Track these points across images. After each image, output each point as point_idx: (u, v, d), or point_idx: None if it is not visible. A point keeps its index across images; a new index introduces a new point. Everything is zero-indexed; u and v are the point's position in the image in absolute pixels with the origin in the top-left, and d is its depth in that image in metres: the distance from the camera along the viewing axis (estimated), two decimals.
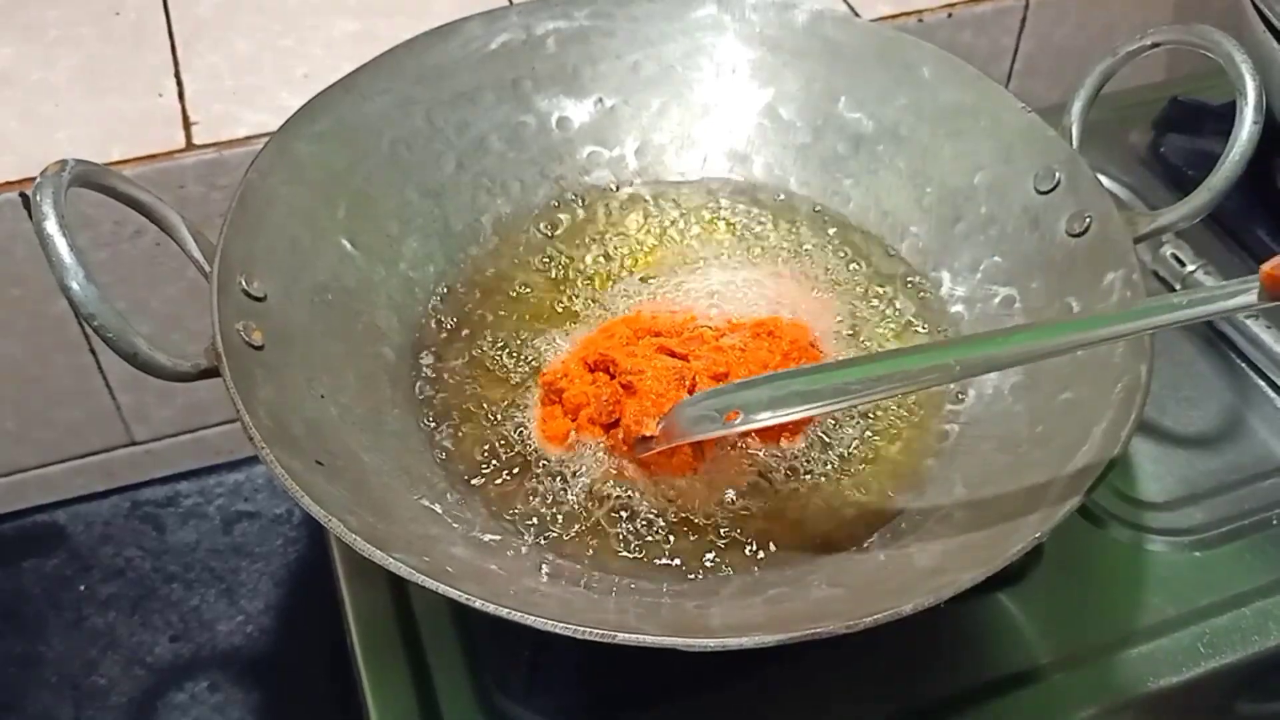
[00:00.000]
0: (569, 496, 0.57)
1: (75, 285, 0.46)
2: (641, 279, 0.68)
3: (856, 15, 0.83)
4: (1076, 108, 0.65)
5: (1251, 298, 0.43)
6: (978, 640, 0.60)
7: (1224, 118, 0.61)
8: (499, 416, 0.60)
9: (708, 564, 0.55)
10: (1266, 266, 0.42)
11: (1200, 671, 0.59)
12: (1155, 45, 0.63)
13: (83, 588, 0.80)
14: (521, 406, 0.61)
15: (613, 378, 0.59)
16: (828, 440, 0.60)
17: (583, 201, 0.71)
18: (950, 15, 0.86)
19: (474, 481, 0.57)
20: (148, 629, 0.78)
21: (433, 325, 0.64)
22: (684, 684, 0.57)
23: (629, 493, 0.57)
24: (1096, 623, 0.61)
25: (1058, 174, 0.63)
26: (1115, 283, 0.58)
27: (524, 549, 0.53)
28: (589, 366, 0.60)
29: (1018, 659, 0.59)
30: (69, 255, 0.46)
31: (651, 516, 0.56)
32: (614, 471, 0.58)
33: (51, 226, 0.46)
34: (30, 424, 0.81)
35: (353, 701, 0.59)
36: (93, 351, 0.78)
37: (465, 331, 0.64)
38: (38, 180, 0.47)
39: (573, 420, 0.59)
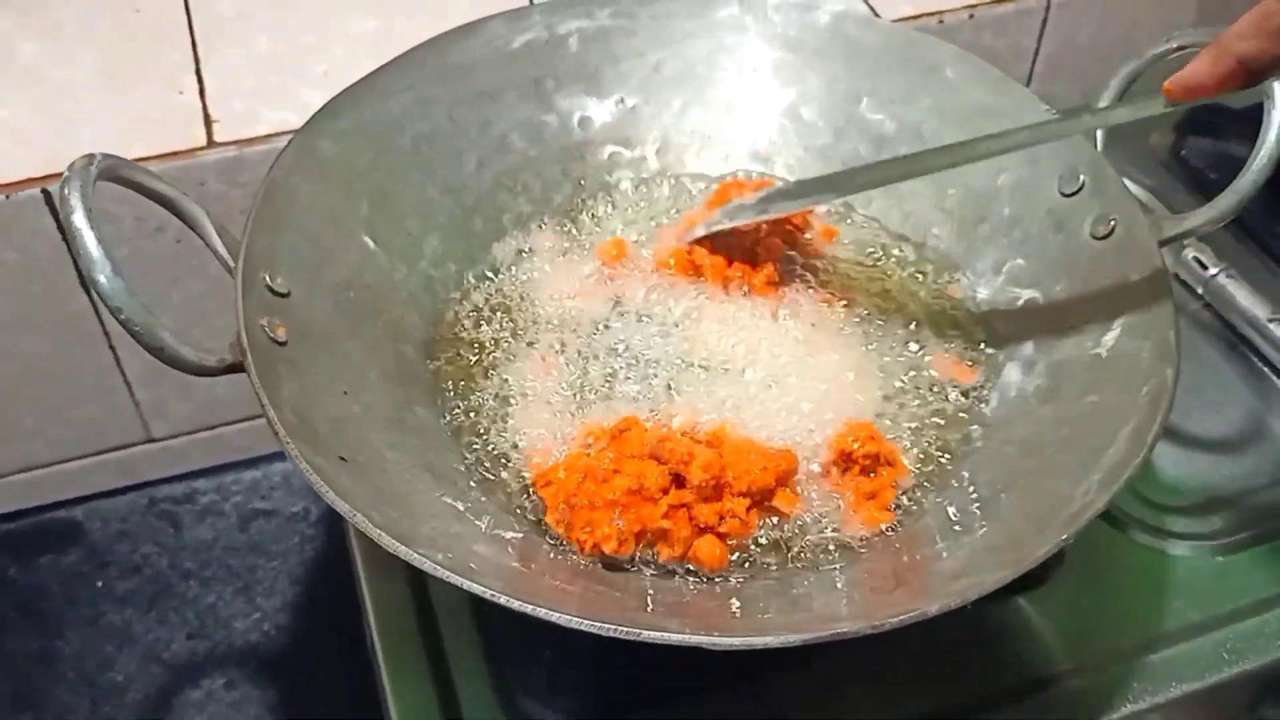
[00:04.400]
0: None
1: (103, 278, 0.46)
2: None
3: (878, 16, 0.82)
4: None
5: (1159, 107, 0.53)
6: (998, 644, 0.60)
7: (1246, 121, 0.61)
8: (520, 415, 0.60)
9: (732, 562, 0.54)
10: (1168, 82, 0.52)
11: (1223, 677, 0.58)
12: (1180, 48, 0.63)
13: (100, 584, 0.80)
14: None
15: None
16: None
17: (602, 199, 0.71)
18: (972, 16, 0.86)
19: (496, 479, 0.57)
20: (164, 626, 0.78)
21: (453, 323, 0.64)
22: (703, 683, 0.57)
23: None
24: (1117, 627, 0.60)
25: (1082, 176, 0.63)
26: (1140, 285, 0.58)
27: (547, 547, 0.53)
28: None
29: (1038, 663, 0.59)
30: (96, 248, 0.46)
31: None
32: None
33: (79, 220, 0.46)
34: (49, 420, 0.81)
35: (369, 699, 0.59)
36: (112, 348, 0.78)
37: (486, 329, 0.64)
38: (65, 174, 0.47)
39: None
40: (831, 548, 0.55)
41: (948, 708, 0.57)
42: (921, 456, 0.59)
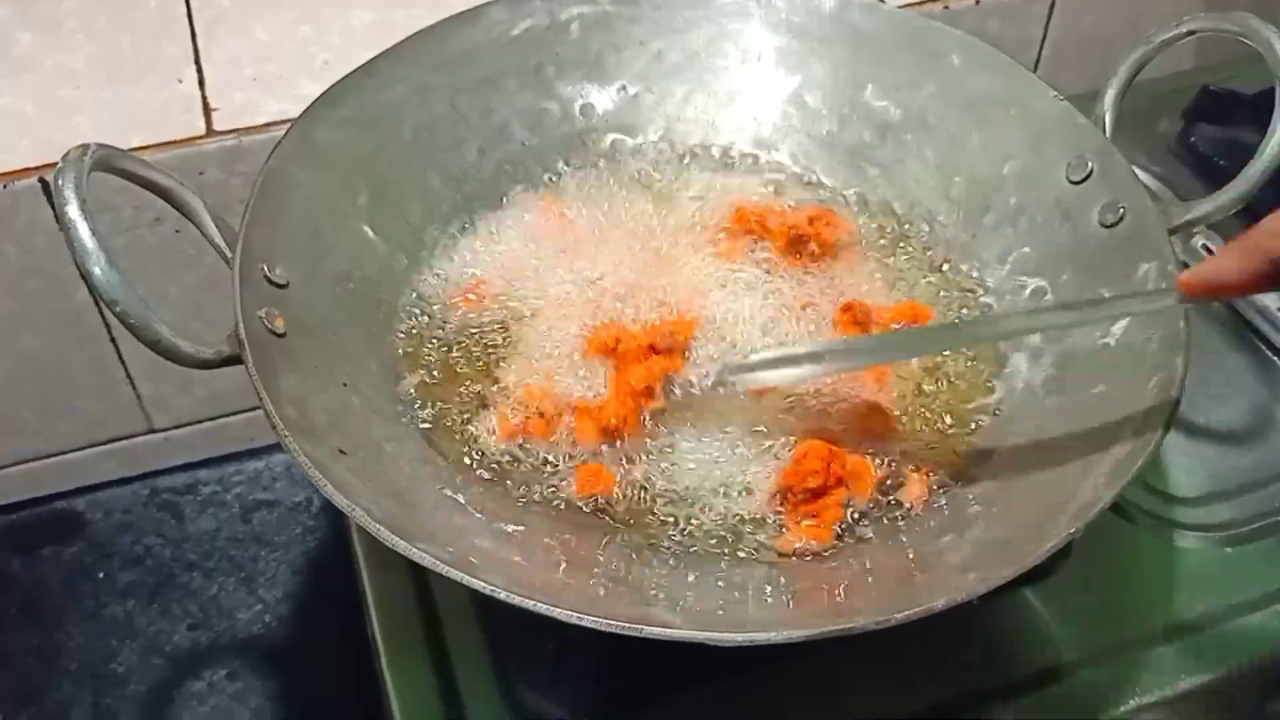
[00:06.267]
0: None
1: (97, 270, 0.46)
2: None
3: (883, 2, 0.81)
4: (1109, 96, 0.64)
5: (1170, 300, 0.50)
6: (1005, 636, 0.59)
7: (1256, 107, 0.60)
8: (523, 405, 0.60)
9: (736, 556, 0.54)
10: (1187, 275, 0.47)
11: (1231, 669, 0.58)
12: (1191, 33, 0.62)
13: (102, 576, 0.80)
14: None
15: None
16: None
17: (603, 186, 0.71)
18: (978, 3, 0.85)
19: (496, 470, 0.57)
20: (166, 617, 0.78)
21: (452, 314, 0.64)
22: (707, 674, 0.57)
23: (657, 482, 0.56)
24: (1125, 619, 0.60)
25: (1090, 164, 0.62)
26: (1149, 274, 0.57)
27: (547, 540, 0.53)
28: None
29: (1045, 656, 0.58)
30: (91, 240, 0.46)
31: (678, 511, 0.56)
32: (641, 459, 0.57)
33: (73, 211, 0.46)
34: (50, 412, 0.81)
35: (372, 690, 0.59)
36: (113, 340, 0.77)
37: (486, 321, 0.64)
38: (59, 164, 0.47)
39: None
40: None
41: (953, 700, 0.57)
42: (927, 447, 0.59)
